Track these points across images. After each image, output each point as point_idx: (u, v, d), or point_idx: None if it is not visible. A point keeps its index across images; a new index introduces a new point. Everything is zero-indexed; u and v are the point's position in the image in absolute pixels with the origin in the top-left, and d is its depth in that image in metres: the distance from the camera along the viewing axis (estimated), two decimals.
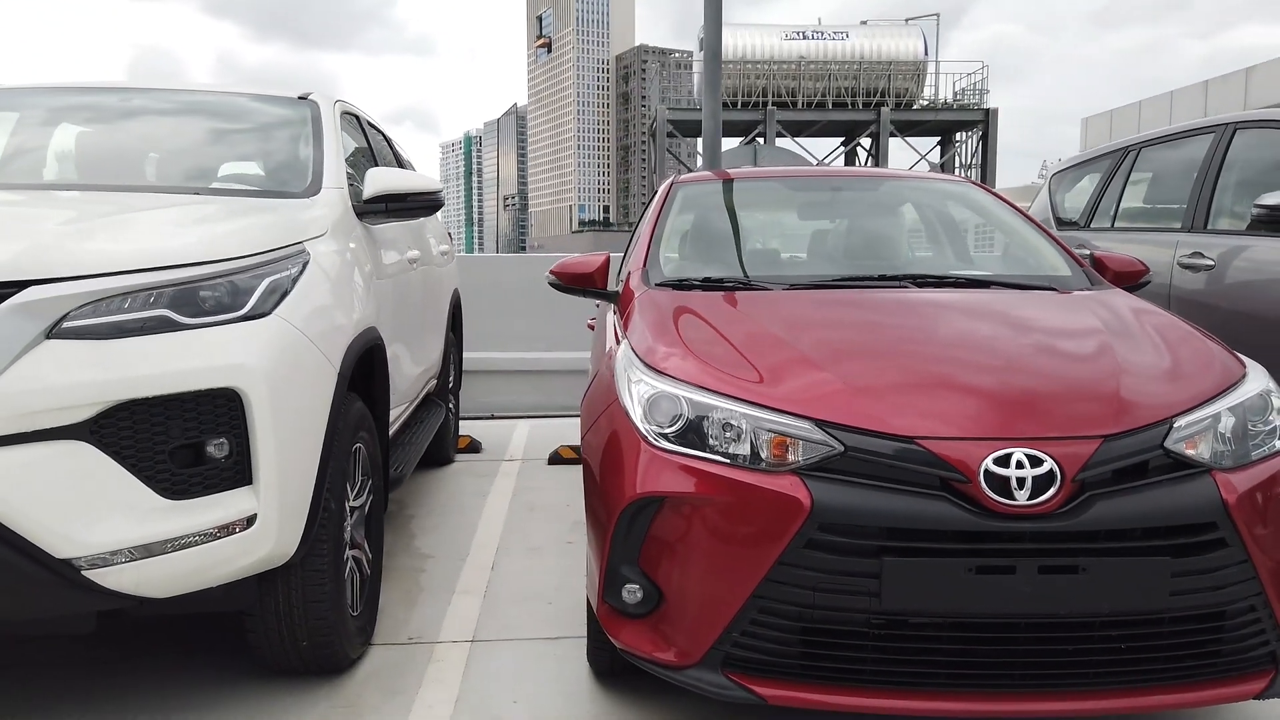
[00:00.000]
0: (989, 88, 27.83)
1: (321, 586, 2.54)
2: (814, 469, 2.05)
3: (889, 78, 27.72)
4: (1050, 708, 1.98)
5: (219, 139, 3.55)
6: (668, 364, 2.37)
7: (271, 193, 3.19)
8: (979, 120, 27.11)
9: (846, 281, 3.01)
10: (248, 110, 3.71)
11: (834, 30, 27.92)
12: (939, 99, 28.96)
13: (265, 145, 3.57)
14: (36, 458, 1.95)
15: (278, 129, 3.63)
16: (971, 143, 28.34)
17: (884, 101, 27.22)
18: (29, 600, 2.02)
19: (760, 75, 27.18)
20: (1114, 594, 1.95)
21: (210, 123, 3.61)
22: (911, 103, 28.48)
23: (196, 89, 3.82)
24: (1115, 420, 2.07)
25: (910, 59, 28.19)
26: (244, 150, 3.57)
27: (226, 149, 3.53)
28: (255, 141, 3.58)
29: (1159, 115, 23.34)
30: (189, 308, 2.18)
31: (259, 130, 3.62)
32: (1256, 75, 20.66)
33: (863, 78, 27.62)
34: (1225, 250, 4.18)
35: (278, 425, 2.24)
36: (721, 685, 2.08)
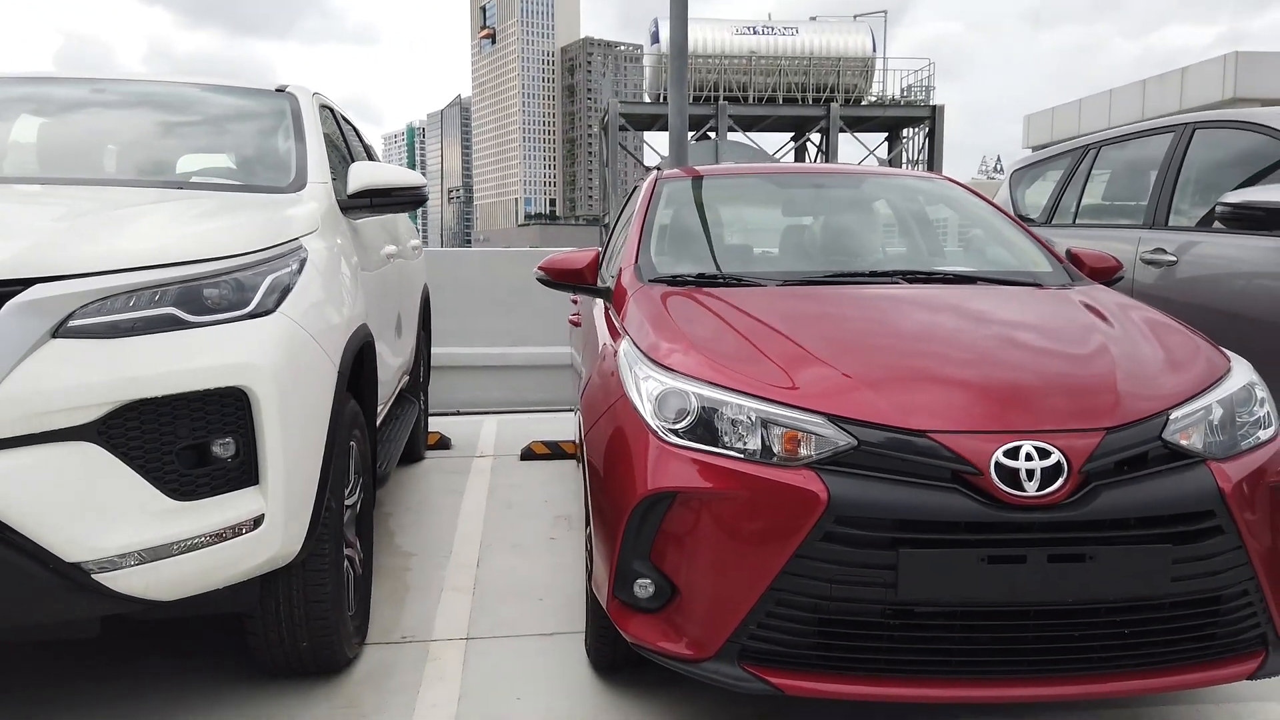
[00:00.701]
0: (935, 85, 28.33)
1: (323, 587, 2.52)
2: (828, 463, 2.08)
3: (838, 74, 28.03)
4: (1058, 692, 2.05)
5: (196, 132, 3.48)
6: (674, 360, 2.39)
7: (255, 188, 3.14)
8: (926, 117, 27.57)
9: (839, 277, 3.05)
10: (224, 103, 3.64)
11: (784, 26, 28.15)
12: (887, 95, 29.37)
13: (244, 139, 3.51)
14: (44, 460, 1.91)
15: (256, 122, 3.57)
16: (918, 139, 28.80)
17: (833, 97, 27.53)
18: (37, 605, 1.97)
19: (711, 70, 27.30)
20: (1119, 581, 2.02)
21: (186, 116, 3.53)
22: (860, 99, 28.83)
23: (169, 80, 3.73)
24: (1116, 413, 2.14)
25: (859, 55, 28.54)
26: (223, 144, 3.50)
27: (205, 143, 3.46)
28: (234, 135, 3.51)
29: (1098, 113, 23.94)
30: (195, 306, 2.14)
31: (237, 124, 3.56)
32: (1191, 75, 21.30)
33: (813, 73, 27.89)
34: (1186, 246, 4.31)
35: (285, 424, 2.22)
36: (738, 677, 2.10)
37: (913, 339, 2.45)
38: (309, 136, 3.43)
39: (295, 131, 3.46)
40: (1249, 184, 4.35)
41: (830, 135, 27.07)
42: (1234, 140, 4.46)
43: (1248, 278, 3.96)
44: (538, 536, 4.11)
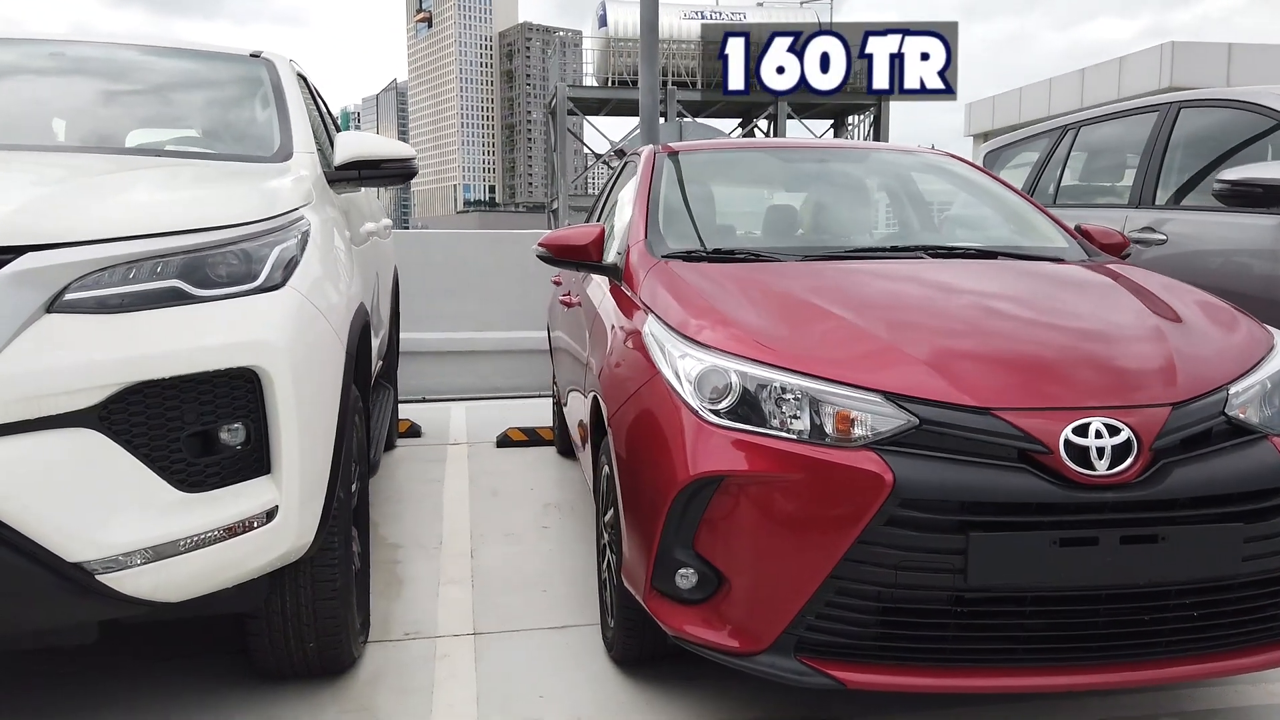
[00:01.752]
0: None
1: (332, 583, 2.34)
2: (888, 443, 1.97)
3: None
4: (1127, 678, 1.97)
5: (168, 99, 3.25)
6: (710, 336, 2.26)
7: (237, 157, 2.93)
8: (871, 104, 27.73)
9: (860, 252, 2.95)
10: (196, 68, 3.41)
11: (732, 11, 28.04)
12: None
13: (221, 106, 3.28)
14: (40, 449, 1.71)
15: (232, 89, 3.35)
16: (863, 126, 28.98)
17: None
18: (33, 610, 1.78)
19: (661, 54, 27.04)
20: (1191, 562, 1.94)
21: (156, 81, 3.29)
22: None
23: (135, 43, 3.47)
24: (1180, 388, 2.07)
25: None
26: (197, 111, 3.27)
27: (177, 109, 3.23)
28: (209, 102, 3.28)
29: (1039, 101, 24.36)
30: (199, 278, 1.95)
31: (212, 90, 3.32)
32: (1128, 64, 21.77)
33: None
34: (1178, 224, 4.31)
35: (299, 407, 2.03)
36: (796, 671, 1.99)
37: (958, 314, 2.35)
38: (290, 105, 3.22)
39: (276, 99, 3.24)
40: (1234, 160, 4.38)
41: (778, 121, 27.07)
42: (1221, 118, 4.46)
43: (1241, 255, 3.96)
44: (529, 525, 3.96)
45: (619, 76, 27.40)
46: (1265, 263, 3.82)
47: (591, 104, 28.31)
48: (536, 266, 7.26)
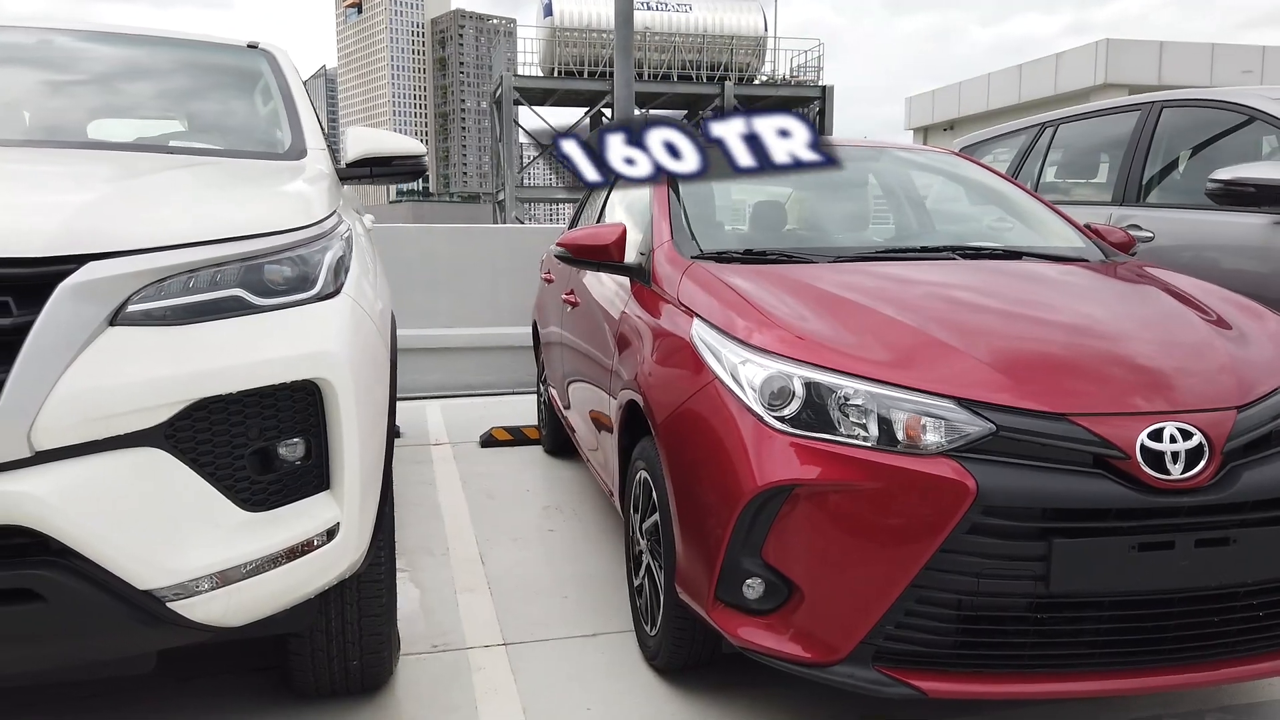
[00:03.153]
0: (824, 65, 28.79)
1: (379, 599, 2.26)
2: (967, 450, 1.96)
3: (731, 52, 28.11)
4: (1198, 679, 2.00)
5: (171, 91, 3.10)
6: (769, 341, 2.22)
7: (250, 154, 2.81)
8: (816, 97, 27.97)
9: (892, 253, 2.94)
10: (194, 59, 3.26)
11: (677, 2, 28.01)
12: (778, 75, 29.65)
13: (225, 100, 3.14)
14: (108, 470, 1.61)
15: (234, 81, 3.21)
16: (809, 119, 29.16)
17: (727, 76, 27.59)
18: (99, 641, 1.67)
19: (605, 45, 26.92)
20: (1260, 563, 1.97)
21: (154, 73, 3.13)
22: (753, 78, 28.99)
23: (126, 32, 3.30)
24: (1243, 391, 2.09)
25: (751, 34, 28.67)
26: (201, 105, 3.13)
27: (182, 103, 3.08)
28: (212, 95, 3.14)
29: (977, 95, 24.83)
30: (259, 287, 1.85)
31: (214, 82, 3.19)
32: (1065, 60, 22.29)
33: (706, 51, 27.87)
34: (1164, 222, 4.40)
35: (360, 420, 1.95)
36: (876, 681, 1.97)
37: (1014, 317, 2.35)
38: (297, 98, 3.10)
39: (281, 92, 3.12)
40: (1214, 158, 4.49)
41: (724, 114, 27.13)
42: (1202, 118, 4.57)
43: (1232, 253, 4.06)
44: (533, 529, 3.89)
45: (565, 67, 27.19)
46: (1255, 261, 3.92)
47: (536, 94, 28.04)
48: (509, 262, 7.25)
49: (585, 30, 26.88)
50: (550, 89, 27.83)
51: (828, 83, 28.16)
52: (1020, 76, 23.51)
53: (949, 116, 25.70)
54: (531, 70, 28.00)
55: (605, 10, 27.22)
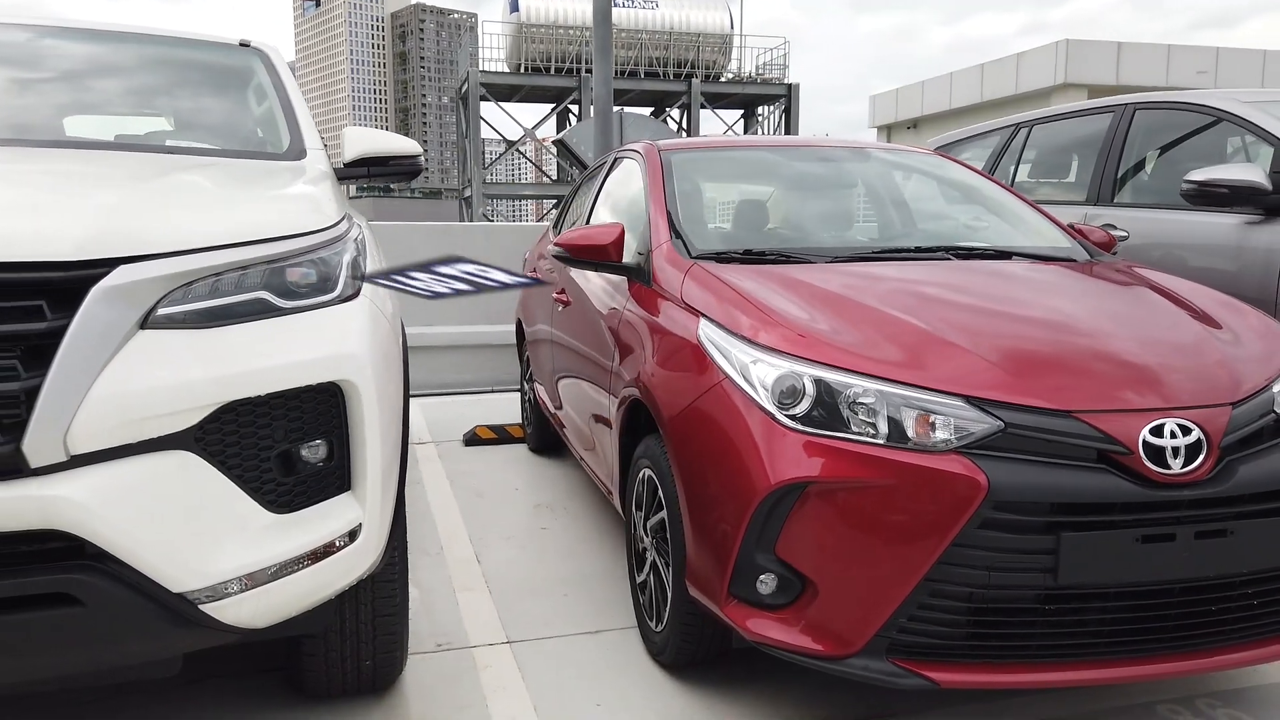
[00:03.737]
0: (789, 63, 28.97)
1: (393, 598, 2.27)
2: (976, 447, 2.01)
3: (698, 49, 28.21)
4: (1198, 665, 2.07)
5: (168, 91, 3.06)
6: (778, 341, 2.26)
7: (250, 154, 2.80)
8: (782, 95, 28.17)
9: (889, 253, 3.00)
10: (184, 57, 3.23)
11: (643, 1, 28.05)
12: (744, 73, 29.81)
13: (220, 98, 3.12)
14: (142, 474, 1.61)
15: (228, 79, 3.19)
16: (774, 117, 29.42)
17: (694, 73, 27.69)
18: (130, 645, 1.66)
19: (573, 41, 26.90)
20: (1255, 553, 2.05)
21: (152, 72, 3.10)
22: (719, 75, 29.13)
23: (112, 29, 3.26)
24: (1235, 387, 2.17)
25: (717, 32, 28.78)
26: (195, 104, 3.10)
27: (180, 102, 3.05)
28: (206, 94, 3.12)
29: (940, 94, 25.13)
30: (282, 289, 1.86)
31: (207, 81, 3.16)
32: (1025, 60, 22.62)
33: (673, 49, 27.94)
34: (1139, 221, 4.51)
35: (382, 420, 1.96)
36: (890, 673, 2.02)
37: (1014, 317, 2.41)
38: (293, 97, 3.09)
39: (276, 91, 3.11)
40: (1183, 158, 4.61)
41: (691, 111, 27.24)
42: (1174, 119, 4.69)
43: (1205, 252, 4.17)
44: (526, 527, 3.91)
45: (532, 63, 27.10)
46: (1228, 260, 4.03)
47: (503, 90, 27.94)
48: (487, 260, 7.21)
49: (552, 26, 26.83)
50: (517, 85, 27.74)
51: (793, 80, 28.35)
52: (982, 76, 23.83)
53: (912, 115, 25.97)
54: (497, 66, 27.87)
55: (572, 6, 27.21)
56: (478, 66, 26.88)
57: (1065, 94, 21.04)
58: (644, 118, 10.93)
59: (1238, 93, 4.44)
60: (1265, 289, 3.84)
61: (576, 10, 26.92)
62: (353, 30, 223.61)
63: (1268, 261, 3.86)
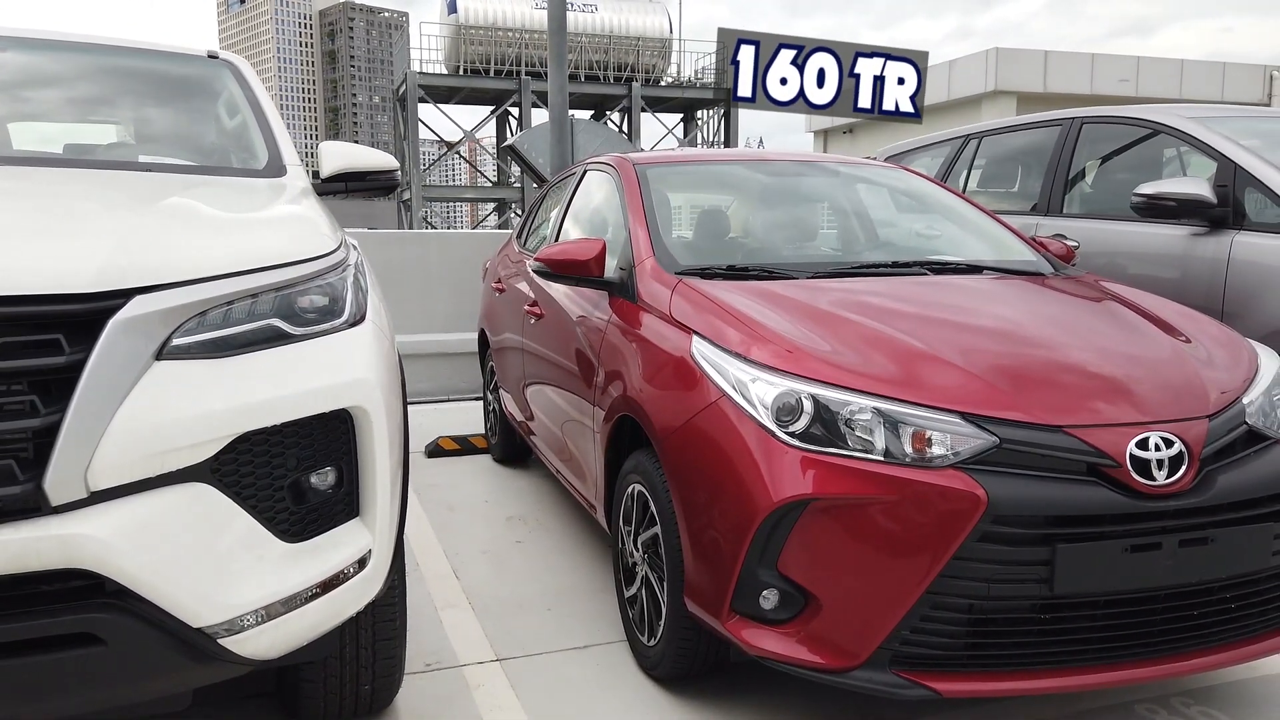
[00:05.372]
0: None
1: (393, 622, 2.26)
2: (973, 462, 2.08)
3: (637, 53, 28.27)
4: (1180, 668, 2.16)
5: (138, 105, 2.99)
6: (774, 359, 2.30)
7: (228, 171, 2.75)
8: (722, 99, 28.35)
9: (868, 268, 3.06)
10: (152, 70, 3.15)
11: (583, 3, 28.00)
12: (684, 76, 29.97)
13: (192, 112, 3.06)
14: (160, 508, 1.58)
15: (199, 93, 3.13)
16: (714, 121, 29.63)
17: (634, 77, 27.75)
18: (148, 681, 1.63)
19: (512, 44, 26.74)
20: (1234, 559, 2.15)
21: (121, 85, 3.02)
22: (659, 79, 29.24)
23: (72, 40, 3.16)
24: (1211, 400, 2.27)
25: (657, 35, 28.90)
26: (165, 118, 3.03)
27: (151, 117, 2.98)
28: (181, 108, 3.05)
29: None
30: (292, 316, 1.84)
31: (179, 94, 3.09)
32: (957, 67, 23.16)
33: (613, 52, 27.96)
34: (1088, 232, 4.66)
35: (391, 446, 1.95)
36: (894, 684, 2.07)
37: (1004, 333, 2.48)
38: (267, 111, 3.04)
39: (250, 105, 3.05)
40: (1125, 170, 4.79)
41: (632, 115, 27.30)
42: (1119, 134, 4.86)
43: (1153, 263, 4.34)
44: (501, 541, 3.89)
45: (471, 65, 26.89)
46: (1175, 270, 4.20)
47: (442, 92, 27.67)
48: (442, 268, 7.18)
49: (491, 28, 26.64)
50: (456, 87, 27.50)
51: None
52: None
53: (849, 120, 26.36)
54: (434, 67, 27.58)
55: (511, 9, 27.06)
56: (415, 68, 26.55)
57: (995, 100, 21.60)
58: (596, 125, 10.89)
59: (1180, 108, 4.63)
60: (1211, 298, 4.01)
61: (516, 12, 26.80)
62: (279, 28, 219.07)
63: (1213, 271, 4.04)
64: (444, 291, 7.02)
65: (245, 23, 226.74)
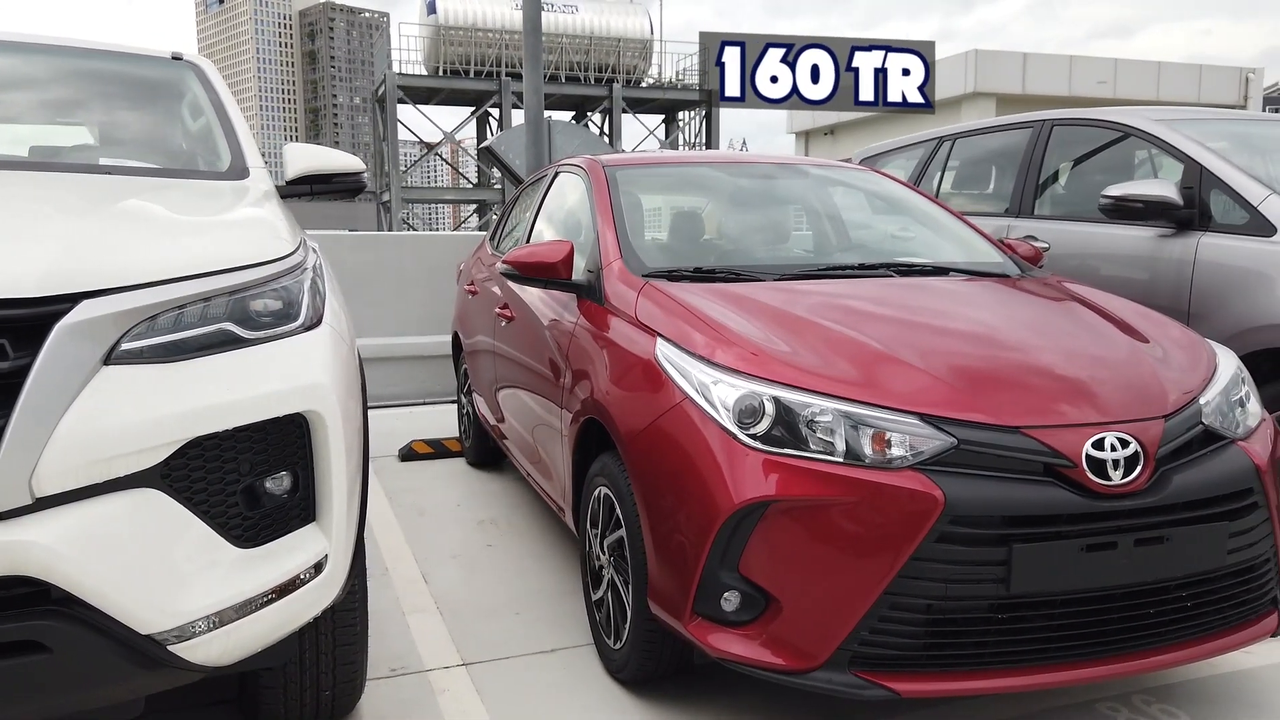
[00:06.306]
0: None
1: (353, 627, 2.25)
2: (932, 463, 2.09)
3: (618, 54, 28.28)
4: (1137, 666, 2.18)
5: (101, 107, 2.97)
6: (737, 361, 2.30)
7: (190, 173, 2.74)
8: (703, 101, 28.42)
9: (834, 270, 3.07)
10: (115, 72, 3.13)
11: (564, 4, 28.00)
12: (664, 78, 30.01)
13: (156, 115, 3.04)
14: (108, 514, 1.57)
15: (163, 95, 3.11)
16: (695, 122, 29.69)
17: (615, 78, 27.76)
18: (97, 689, 1.62)
19: (492, 44, 26.70)
20: (1189, 558, 2.17)
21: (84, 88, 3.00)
22: (640, 80, 29.27)
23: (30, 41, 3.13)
24: (1167, 401, 2.29)
25: (638, 37, 28.92)
26: (128, 121, 3.01)
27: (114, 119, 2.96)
28: (144, 110, 3.03)
29: None
30: (247, 320, 1.83)
31: (143, 96, 3.07)
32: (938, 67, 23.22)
33: (594, 53, 27.97)
34: (1058, 233, 4.69)
35: (348, 450, 1.94)
36: (853, 685, 2.08)
37: (960, 334, 2.50)
38: (231, 113, 3.02)
39: (214, 107, 3.03)
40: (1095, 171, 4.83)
41: (613, 115, 27.31)
42: (1089, 136, 4.90)
43: (1121, 264, 4.37)
44: (471, 545, 3.88)
45: (450, 65, 26.83)
46: (1143, 271, 4.24)
47: (421, 93, 27.60)
48: (417, 270, 7.15)
49: (471, 29, 26.59)
50: (435, 88, 27.44)
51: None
52: None
53: (829, 121, 26.47)
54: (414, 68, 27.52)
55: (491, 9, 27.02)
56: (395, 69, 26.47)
57: (975, 102, 21.72)
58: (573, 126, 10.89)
59: (1148, 111, 4.66)
60: (1178, 298, 4.05)
61: (495, 13, 26.77)
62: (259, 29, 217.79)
63: (1179, 272, 4.07)
64: (419, 294, 6.99)
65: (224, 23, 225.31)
